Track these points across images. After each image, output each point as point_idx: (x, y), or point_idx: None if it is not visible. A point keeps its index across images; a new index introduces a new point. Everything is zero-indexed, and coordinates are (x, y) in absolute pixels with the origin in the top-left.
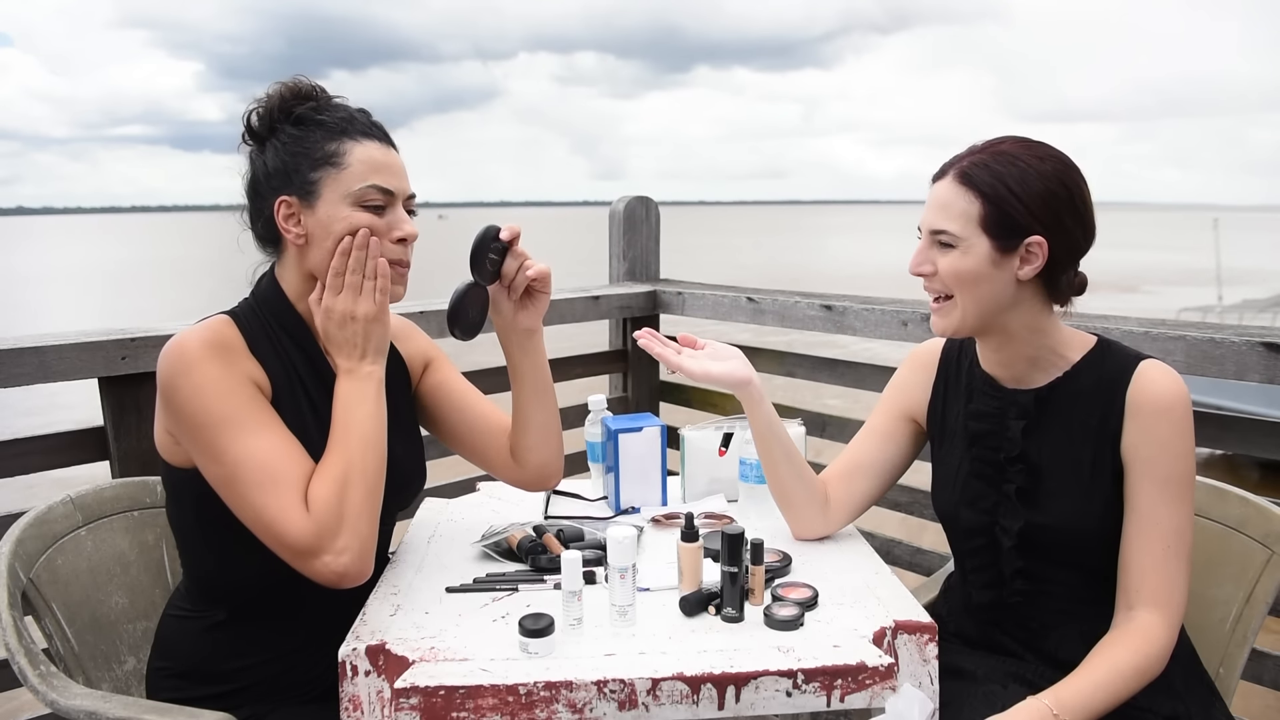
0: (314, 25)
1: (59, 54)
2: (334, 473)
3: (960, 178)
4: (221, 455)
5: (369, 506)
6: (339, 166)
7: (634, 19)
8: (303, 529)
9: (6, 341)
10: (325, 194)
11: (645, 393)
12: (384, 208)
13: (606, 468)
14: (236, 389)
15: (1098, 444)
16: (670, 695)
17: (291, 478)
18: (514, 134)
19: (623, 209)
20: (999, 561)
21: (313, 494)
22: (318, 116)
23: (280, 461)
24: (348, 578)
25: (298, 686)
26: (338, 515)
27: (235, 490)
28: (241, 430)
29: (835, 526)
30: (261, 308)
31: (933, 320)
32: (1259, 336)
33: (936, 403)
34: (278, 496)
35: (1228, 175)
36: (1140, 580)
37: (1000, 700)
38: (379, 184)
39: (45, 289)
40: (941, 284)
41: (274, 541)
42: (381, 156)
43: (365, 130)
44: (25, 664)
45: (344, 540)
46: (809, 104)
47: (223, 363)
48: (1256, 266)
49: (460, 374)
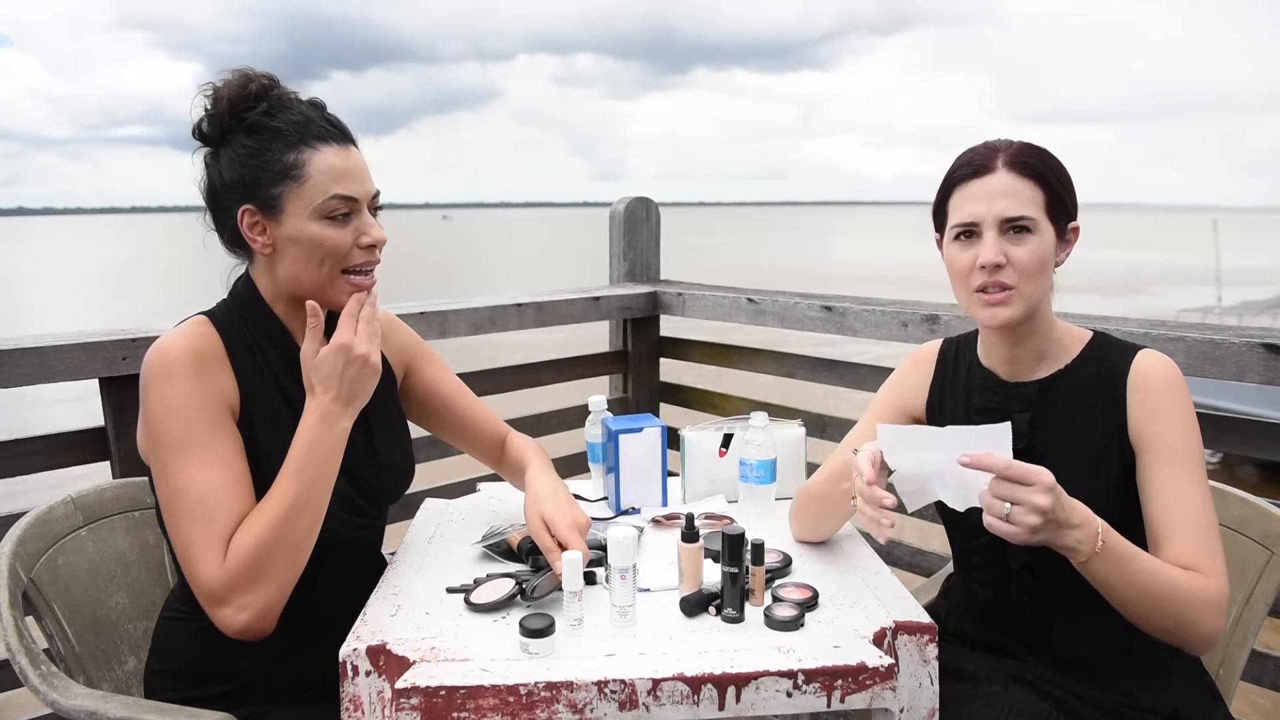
0: (313, 26)
1: (59, 55)
2: (267, 520)
3: (1017, 168)
4: (169, 477)
5: (288, 568)
6: (299, 180)
7: (632, 20)
8: (213, 577)
9: (7, 342)
10: (288, 207)
11: (645, 393)
12: (349, 215)
13: (607, 468)
14: (201, 411)
15: (1104, 433)
16: (671, 695)
17: (222, 521)
18: (513, 135)
19: (623, 210)
20: (1005, 558)
21: (236, 543)
22: (271, 124)
23: (218, 499)
24: (246, 634)
25: (294, 686)
26: (252, 574)
27: (171, 515)
28: (192, 458)
29: (834, 532)
30: (239, 309)
31: (991, 312)
32: (1259, 337)
33: (935, 400)
34: (203, 537)
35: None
36: (1176, 552)
37: (1000, 700)
38: (341, 193)
39: (46, 289)
40: (1012, 274)
41: (189, 578)
42: (341, 163)
43: (321, 134)
44: (26, 664)
45: (248, 599)
46: (808, 105)
47: (196, 376)
48: (1256, 267)
49: (451, 373)
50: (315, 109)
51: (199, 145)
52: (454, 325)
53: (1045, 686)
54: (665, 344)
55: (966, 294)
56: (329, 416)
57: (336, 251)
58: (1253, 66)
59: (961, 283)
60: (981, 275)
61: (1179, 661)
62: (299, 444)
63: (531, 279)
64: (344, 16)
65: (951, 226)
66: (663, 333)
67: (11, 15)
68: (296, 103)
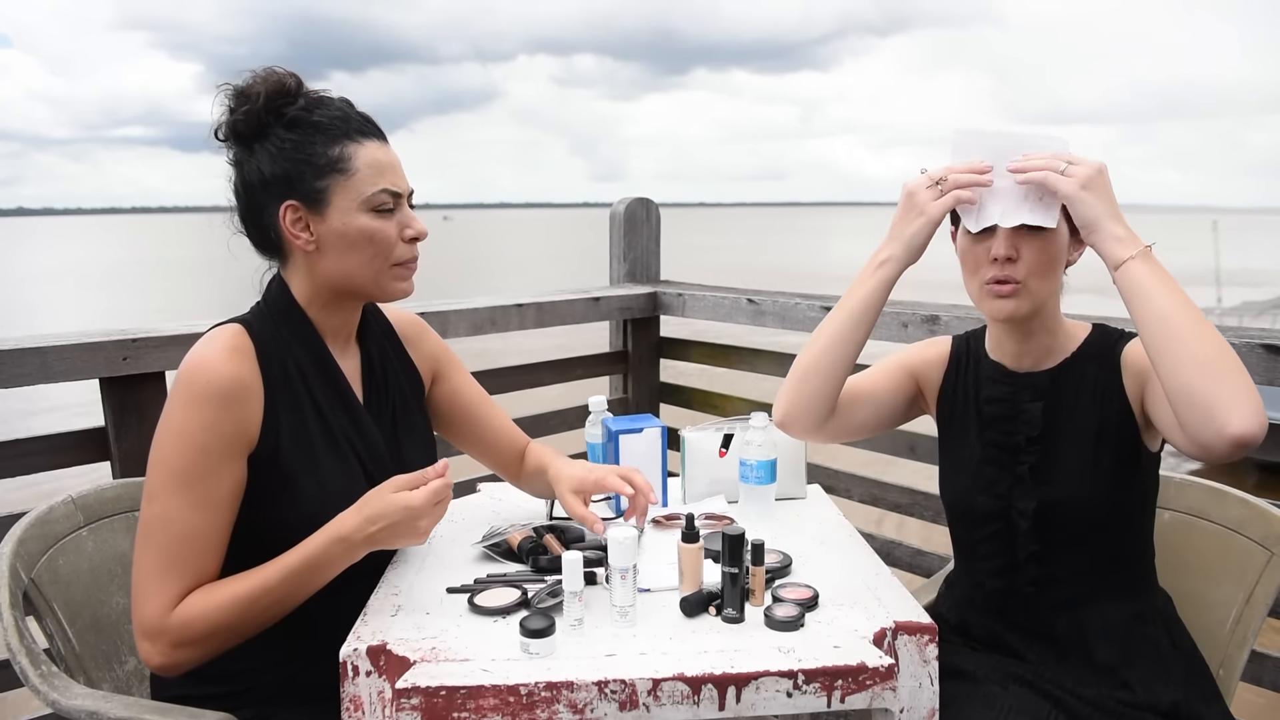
0: (313, 27)
1: (59, 55)
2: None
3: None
4: (157, 499)
5: (225, 645)
6: (346, 173)
7: (631, 21)
8: (156, 616)
9: (8, 342)
10: (335, 201)
11: (645, 394)
12: (394, 209)
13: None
14: (214, 448)
15: (1102, 413)
16: (671, 696)
17: (186, 570)
18: (513, 135)
19: (623, 210)
20: (1014, 546)
21: (194, 604)
22: (313, 118)
23: (191, 549)
24: (157, 670)
25: (300, 689)
26: (192, 636)
27: (142, 538)
28: (187, 491)
29: (826, 435)
30: (272, 314)
31: (998, 305)
32: (1259, 338)
33: (947, 391)
34: (165, 573)
35: (1226, 177)
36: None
37: (1000, 700)
38: (389, 187)
39: (46, 290)
40: (1022, 269)
41: (133, 603)
42: (384, 157)
43: (362, 129)
44: (27, 664)
45: (177, 653)
46: (807, 106)
47: (222, 410)
48: (1256, 268)
49: (472, 379)
50: (348, 105)
51: (226, 144)
52: (454, 325)
53: (1045, 686)
54: (665, 344)
55: (977, 286)
56: (353, 547)
57: (385, 243)
58: (1253, 67)
59: (972, 274)
60: (993, 268)
61: (1179, 654)
62: (307, 551)
63: (532, 280)
64: (344, 17)
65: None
66: (663, 333)
67: (11, 15)
68: (330, 101)
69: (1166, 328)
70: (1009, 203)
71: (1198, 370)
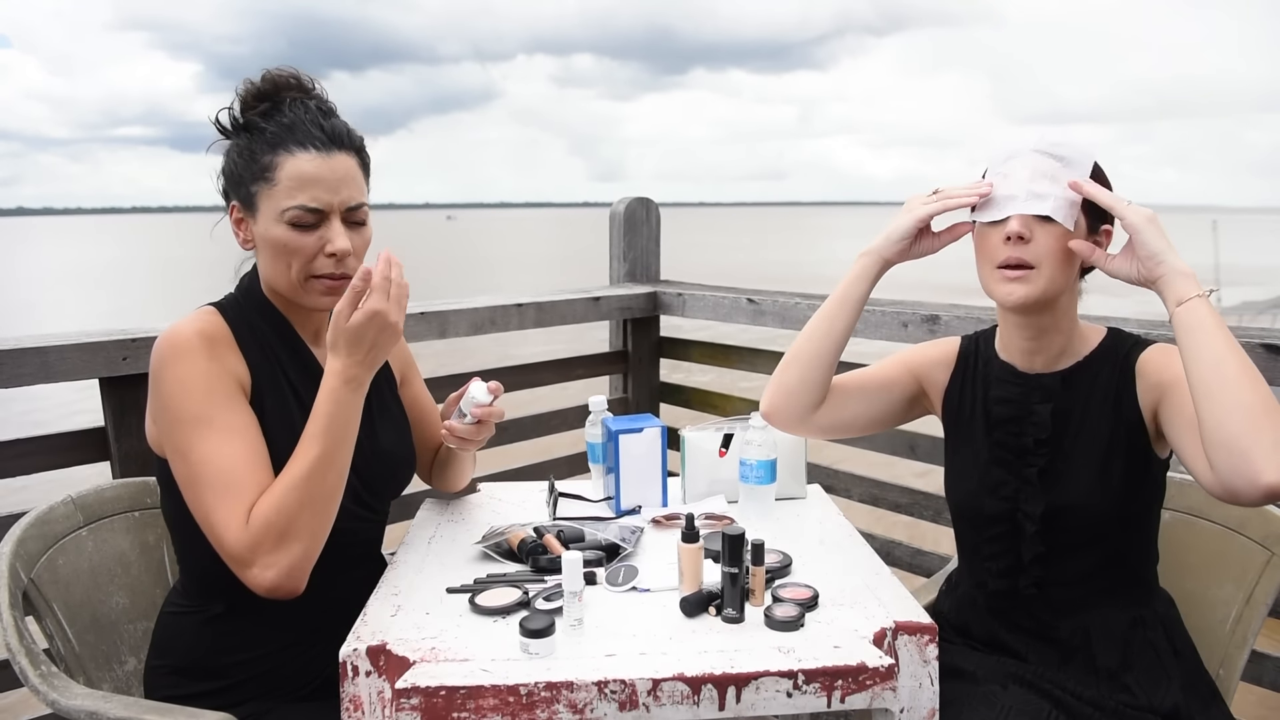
0: (313, 27)
1: (59, 55)
2: (291, 481)
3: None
4: (189, 453)
5: (312, 527)
6: (270, 182)
7: (630, 21)
8: (238, 539)
9: (8, 342)
10: (261, 207)
11: (645, 394)
12: (315, 224)
13: (607, 469)
14: (217, 386)
15: (1114, 420)
16: (671, 696)
17: (244, 487)
18: (512, 135)
19: (623, 210)
20: (1019, 548)
21: (261, 504)
22: (262, 123)
23: (240, 470)
24: (276, 591)
25: (295, 681)
26: (276, 532)
27: (194, 489)
28: (212, 431)
29: (814, 429)
30: (245, 301)
31: (1008, 288)
32: (1259, 338)
33: (953, 391)
34: (227, 504)
35: (1226, 176)
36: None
37: (1000, 700)
38: (305, 204)
39: (46, 290)
40: (1035, 252)
41: (216, 545)
42: (312, 170)
43: (302, 140)
44: (26, 664)
45: (273, 557)
46: (805, 106)
47: (209, 356)
48: (1256, 267)
49: (426, 387)
50: (316, 113)
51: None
52: (454, 325)
53: (1045, 686)
54: (665, 344)
55: (988, 270)
56: (353, 379)
57: (299, 257)
58: (1253, 66)
59: (985, 259)
60: (1005, 249)
61: (1180, 658)
62: (322, 406)
63: (531, 280)
64: (344, 17)
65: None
66: (663, 333)
67: (11, 15)
68: (298, 106)
69: (1219, 370)
70: (1024, 195)
71: (1243, 416)
